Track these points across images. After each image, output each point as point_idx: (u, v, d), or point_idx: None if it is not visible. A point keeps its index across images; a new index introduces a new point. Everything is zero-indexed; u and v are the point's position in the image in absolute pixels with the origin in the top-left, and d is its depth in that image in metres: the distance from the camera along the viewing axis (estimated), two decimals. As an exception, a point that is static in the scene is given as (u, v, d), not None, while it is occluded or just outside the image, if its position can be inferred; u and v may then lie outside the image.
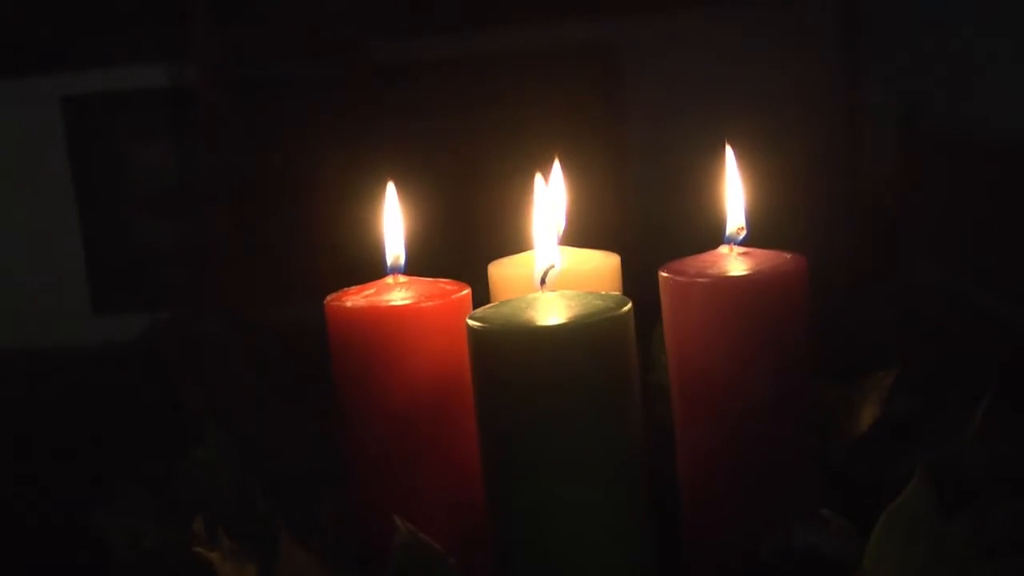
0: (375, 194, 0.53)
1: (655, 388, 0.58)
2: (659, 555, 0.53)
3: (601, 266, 0.55)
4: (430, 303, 0.49)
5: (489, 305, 0.46)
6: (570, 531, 0.44)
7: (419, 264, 0.54)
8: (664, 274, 0.50)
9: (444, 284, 0.51)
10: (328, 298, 0.50)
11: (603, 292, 0.47)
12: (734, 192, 0.51)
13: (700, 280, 0.49)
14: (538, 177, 0.46)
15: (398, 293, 0.50)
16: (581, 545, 0.44)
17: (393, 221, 0.51)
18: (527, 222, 0.51)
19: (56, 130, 2.57)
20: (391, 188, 0.51)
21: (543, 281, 0.45)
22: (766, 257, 0.51)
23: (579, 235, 0.58)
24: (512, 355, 0.43)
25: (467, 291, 0.51)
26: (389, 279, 0.51)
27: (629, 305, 0.45)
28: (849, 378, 0.61)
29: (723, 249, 0.51)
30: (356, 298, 0.49)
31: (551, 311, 0.44)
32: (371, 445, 0.50)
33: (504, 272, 0.55)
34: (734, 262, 0.50)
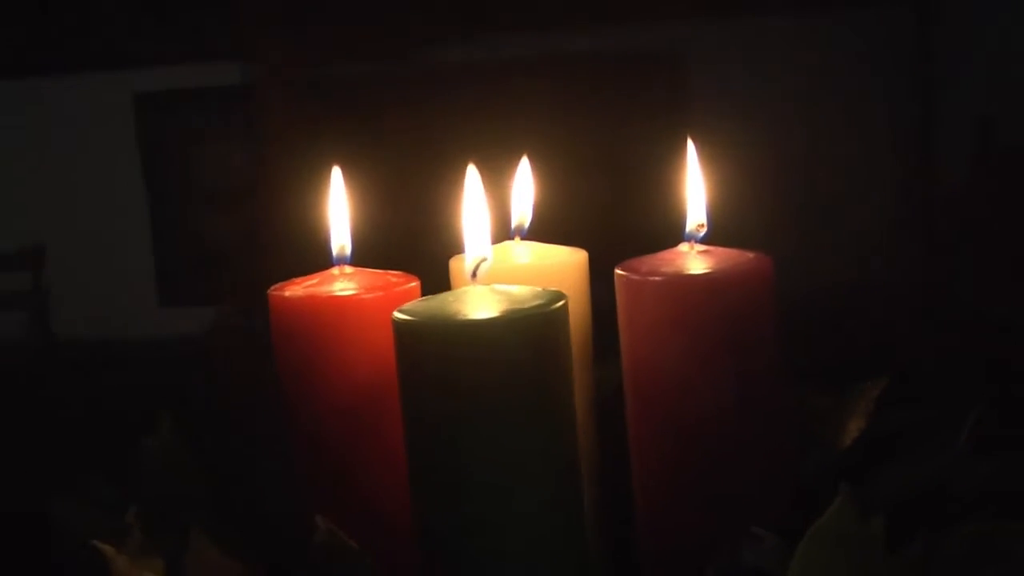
0: (440, 190, 0.52)
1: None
2: (614, 562, 0.51)
3: (565, 262, 0.53)
4: (370, 295, 0.48)
5: (419, 299, 0.44)
6: (494, 529, 0.42)
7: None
8: (619, 271, 0.48)
9: (391, 276, 0.50)
10: (271, 288, 0.49)
11: (542, 288, 0.44)
12: (695, 188, 0.48)
13: (653, 279, 0.47)
14: (471, 168, 0.44)
15: (340, 284, 0.48)
16: (505, 544, 0.42)
17: (338, 209, 0.49)
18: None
19: (128, 125, 2.62)
20: (337, 174, 0.50)
21: (474, 274, 0.43)
22: (727, 256, 0.48)
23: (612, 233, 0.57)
24: (434, 348, 0.41)
25: (415, 283, 0.49)
26: (335, 270, 0.50)
27: (563, 301, 0.43)
28: (842, 384, 0.58)
29: (683, 247, 0.49)
30: (296, 288, 0.48)
31: (479, 305, 0.42)
32: (312, 436, 0.49)
33: (463, 266, 0.53)
34: (692, 260, 0.48)
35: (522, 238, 0.55)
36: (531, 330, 0.41)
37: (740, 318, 0.47)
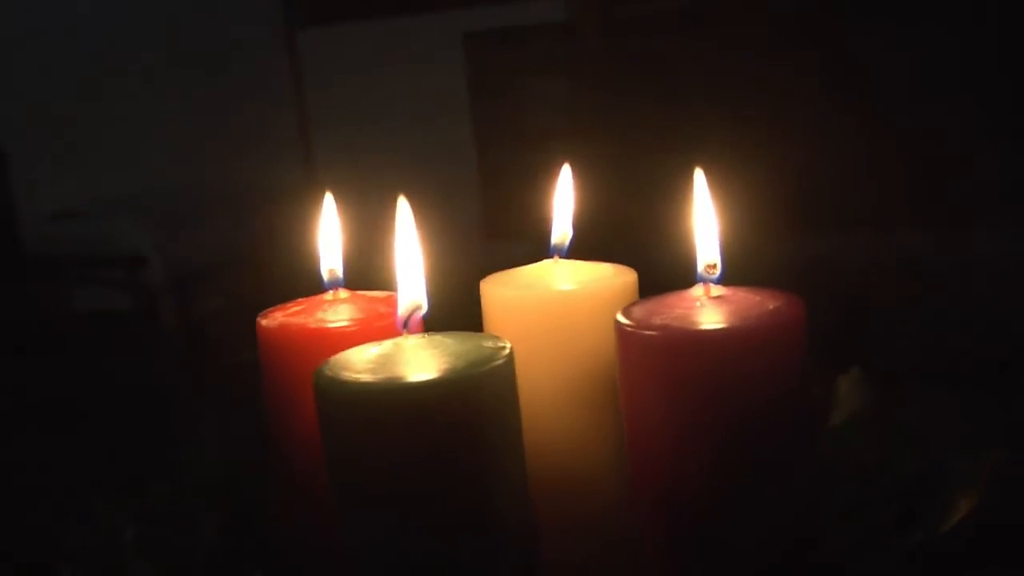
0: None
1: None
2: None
3: (611, 285, 0.46)
4: (345, 326, 0.44)
5: (351, 349, 0.39)
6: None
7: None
8: (618, 317, 0.41)
9: (382, 304, 0.45)
10: (260, 315, 0.46)
11: (481, 334, 0.39)
12: (705, 222, 0.40)
13: (645, 332, 0.39)
14: (401, 200, 0.39)
15: (321, 313, 0.45)
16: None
17: (329, 232, 0.46)
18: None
19: (457, 64, 2.68)
20: (329, 198, 0.46)
21: (406, 324, 0.38)
22: (746, 304, 0.40)
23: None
24: (347, 410, 0.37)
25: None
26: (328, 294, 0.46)
27: (502, 359, 0.37)
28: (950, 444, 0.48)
29: (696, 290, 0.41)
30: (277, 316, 0.45)
31: (405, 363, 0.37)
32: (288, 462, 0.46)
33: (494, 292, 0.48)
34: (702, 309, 0.40)
35: (562, 257, 0.49)
36: (458, 396, 0.36)
37: (750, 382, 0.38)
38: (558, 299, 0.46)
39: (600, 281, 0.47)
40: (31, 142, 2.35)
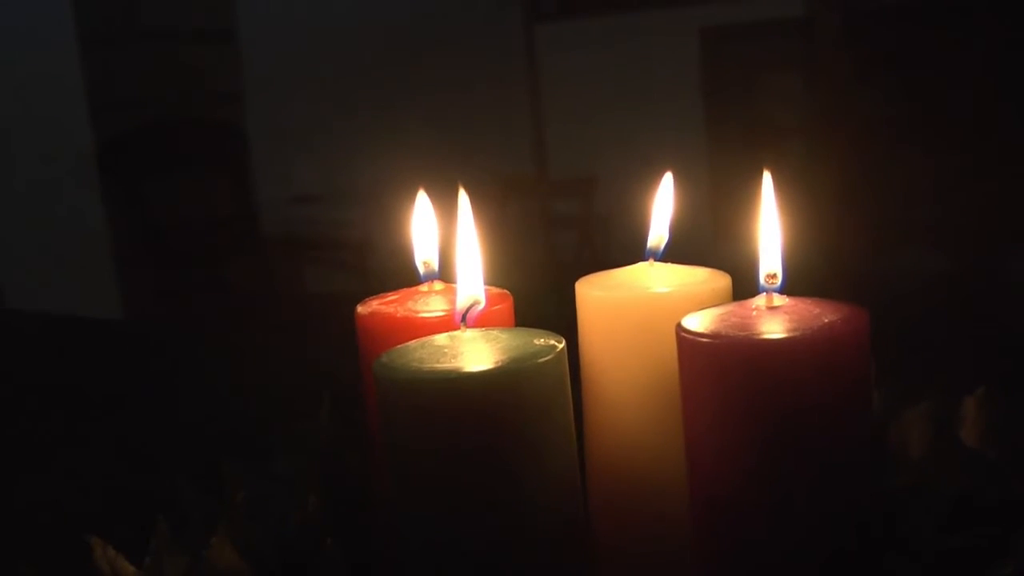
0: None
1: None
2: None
3: (707, 289, 0.47)
4: (428, 316, 0.46)
5: (411, 342, 0.41)
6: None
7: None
8: (679, 324, 0.41)
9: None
10: (360, 301, 0.49)
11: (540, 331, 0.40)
12: (769, 230, 0.39)
13: (698, 339, 0.39)
14: (462, 194, 0.40)
15: (412, 303, 0.47)
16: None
17: (424, 225, 0.48)
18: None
19: (692, 60, 2.67)
20: (422, 194, 0.48)
21: (464, 319, 0.40)
22: (809, 314, 0.39)
23: None
24: (405, 401, 0.39)
25: (500, 305, 0.46)
26: (424, 286, 0.48)
27: (552, 354, 0.38)
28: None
29: (759, 300, 0.40)
30: (371, 304, 0.48)
31: (461, 355, 0.39)
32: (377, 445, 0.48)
33: (587, 292, 0.49)
34: (762, 319, 0.40)
35: (656, 260, 0.49)
36: (499, 389, 0.38)
37: (799, 392, 0.38)
38: (649, 301, 0.47)
39: (691, 285, 0.47)
40: (280, 129, 2.51)
